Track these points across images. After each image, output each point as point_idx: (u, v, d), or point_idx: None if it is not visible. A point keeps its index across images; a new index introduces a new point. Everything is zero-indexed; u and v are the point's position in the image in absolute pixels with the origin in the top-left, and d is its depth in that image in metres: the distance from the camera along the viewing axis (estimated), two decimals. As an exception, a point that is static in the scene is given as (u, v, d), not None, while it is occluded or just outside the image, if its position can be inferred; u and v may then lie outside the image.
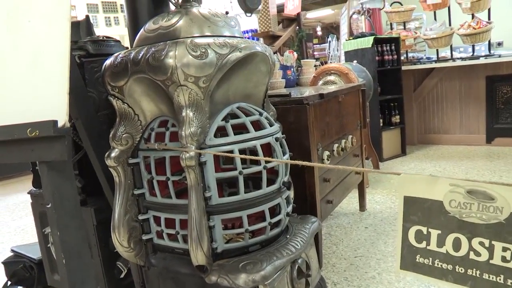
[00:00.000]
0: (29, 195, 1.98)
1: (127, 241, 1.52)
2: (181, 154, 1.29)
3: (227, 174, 1.39)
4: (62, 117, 1.10)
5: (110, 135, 1.45)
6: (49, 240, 1.95)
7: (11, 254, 2.26)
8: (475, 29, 4.45)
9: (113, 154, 1.44)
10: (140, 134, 1.47)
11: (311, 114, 1.91)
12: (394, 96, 4.56)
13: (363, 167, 2.83)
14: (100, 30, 11.03)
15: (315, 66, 4.23)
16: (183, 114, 1.29)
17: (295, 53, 3.68)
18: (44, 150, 1.11)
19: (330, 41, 5.89)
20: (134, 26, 1.65)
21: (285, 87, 3.49)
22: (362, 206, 3.01)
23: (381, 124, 4.48)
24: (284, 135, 1.59)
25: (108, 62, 1.45)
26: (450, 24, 4.73)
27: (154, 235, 1.54)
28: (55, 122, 1.07)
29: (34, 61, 1.19)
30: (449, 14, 4.79)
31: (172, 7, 1.64)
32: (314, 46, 9.49)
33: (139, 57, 1.34)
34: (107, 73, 1.43)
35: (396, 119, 4.61)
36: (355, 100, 2.68)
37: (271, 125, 1.51)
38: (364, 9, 6.22)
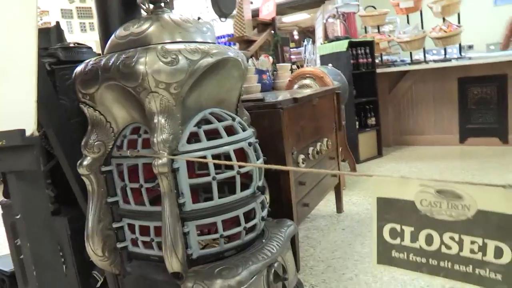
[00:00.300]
0: (-1, 206, 1.94)
1: (101, 249, 1.50)
2: (153, 161, 1.28)
3: (200, 180, 1.39)
4: (30, 126, 1.08)
5: (82, 143, 1.44)
6: (21, 251, 1.91)
7: (-17, 266, 2.21)
8: (446, 32, 4.54)
9: (85, 162, 1.43)
10: (112, 142, 1.45)
11: (285, 119, 1.92)
12: (370, 98, 4.62)
13: (339, 169, 2.86)
14: (75, 36, 10.89)
15: (291, 70, 4.26)
16: (155, 120, 1.29)
17: (270, 57, 3.71)
18: (12, 160, 1.09)
19: (305, 45, 5.94)
20: (105, 32, 1.64)
21: (260, 91, 3.51)
22: (339, 208, 3.04)
23: (357, 126, 4.54)
24: (257, 140, 1.60)
25: (78, 69, 1.44)
26: (422, 28, 4.82)
27: (129, 243, 1.52)
28: (23, 131, 1.06)
29: (3, 70, 1.17)
30: (421, 18, 4.89)
31: (144, 13, 1.63)
32: (291, 50, 9.56)
33: (110, 64, 1.34)
34: (78, 80, 1.42)
35: (371, 121, 4.67)
36: (330, 103, 2.70)
37: (244, 130, 1.52)
38: (339, 13, 6.29)
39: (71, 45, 1.83)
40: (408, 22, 5.01)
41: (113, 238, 1.52)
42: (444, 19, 4.64)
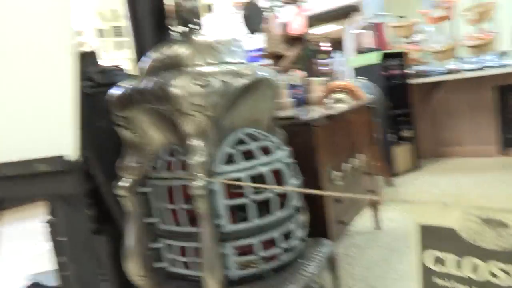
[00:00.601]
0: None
1: (140, 269, 1.51)
2: (190, 184, 1.29)
3: (237, 202, 1.39)
4: (73, 152, 1.11)
5: (119, 165, 1.46)
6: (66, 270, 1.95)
7: (29, 282, 2.27)
8: (482, 40, 4.43)
9: (122, 184, 1.45)
10: (149, 163, 1.47)
11: (319, 136, 1.90)
12: (404, 110, 4.54)
13: (374, 185, 2.81)
14: (109, 55, 11.23)
15: (323, 83, 4.25)
16: (190, 143, 1.30)
17: (302, 72, 3.70)
18: (55, 185, 1.12)
19: (335, 57, 5.91)
20: (139, 53, 1.68)
21: (294, 107, 3.50)
22: (376, 224, 2.97)
23: (392, 139, 4.45)
24: (292, 159, 1.59)
25: (114, 92, 1.47)
26: (454, 36, 4.73)
27: (167, 263, 1.53)
28: (66, 157, 1.08)
29: (44, 97, 1.21)
30: (453, 26, 4.80)
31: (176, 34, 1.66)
32: (321, 61, 9.53)
33: (145, 87, 1.36)
34: (114, 103, 1.45)
35: (407, 133, 4.58)
36: (363, 118, 2.67)
37: (280, 149, 1.51)
38: (369, 24, 6.25)
39: (107, 68, 1.88)
40: (439, 31, 4.92)
41: (152, 258, 1.53)
42: (478, 26, 4.53)
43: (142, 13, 1.66)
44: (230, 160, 1.40)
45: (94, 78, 1.79)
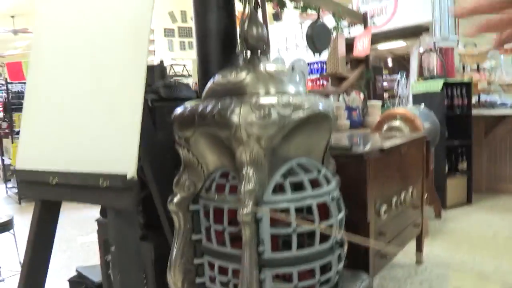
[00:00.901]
0: (96, 211, 2.10)
1: (181, 282, 1.58)
2: (238, 210, 1.34)
3: (281, 231, 1.42)
4: (131, 170, 1.19)
5: (174, 181, 1.53)
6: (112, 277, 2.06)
7: (76, 273, 2.41)
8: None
9: (175, 200, 1.52)
10: (202, 183, 1.53)
11: (370, 169, 1.90)
12: (463, 142, 4.40)
13: (422, 218, 2.75)
14: (175, 54, 11.59)
15: (383, 102, 4.20)
16: (243, 171, 1.34)
17: (361, 94, 3.68)
18: (112, 198, 1.20)
19: (399, 79, 5.81)
20: (204, 73, 1.76)
21: (350, 128, 3.49)
22: (419, 258, 2.92)
23: (447, 171, 4.33)
24: (340, 192, 1.60)
25: (178, 112, 1.54)
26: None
27: (207, 280, 1.59)
28: (125, 176, 1.16)
29: (110, 112, 1.30)
30: (527, 60, 4.60)
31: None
32: (384, 77, 9.34)
33: (207, 111, 1.42)
34: (176, 123, 1.52)
35: (463, 165, 4.44)
36: (418, 151, 2.63)
37: (329, 182, 1.53)
38: (437, 47, 6.09)
39: (172, 83, 1.97)
40: (510, 62, 4.73)
41: (193, 272, 1.59)
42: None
43: (210, 33, 1.73)
44: (280, 189, 1.44)
45: (159, 92, 1.88)
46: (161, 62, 2.09)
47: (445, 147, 4.23)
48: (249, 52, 1.60)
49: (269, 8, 2.83)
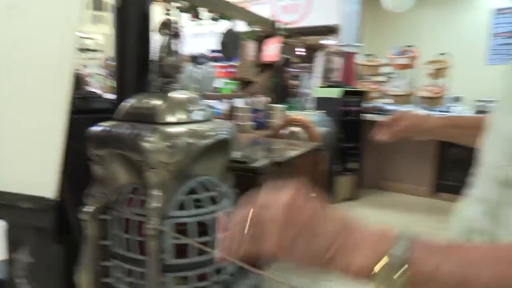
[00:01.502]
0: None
1: (89, 282, 1.76)
2: (145, 223, 1.55)
3: (181, 241, 1.65)
4: (53, 193, 1.34)
5: (87, 193, 1.70)
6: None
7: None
8: (435, 93, 4.85)
9: (87, 210, 1.68)
10: (113, 196, 1.71)
11: (265, 182, 2.19)
12: (354, 144, 4.91)
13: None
14: (87, 27, 11.15)
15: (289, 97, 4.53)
16: (152, 191, 1.55)
17: (266, 97, 3.98)
18: (33, 218, 1.35)
19: (302, 79, 6.23)
20: (120, 94, 1.91)
21: (254, 129, 3.78)
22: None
23: (339, 170, 4.82)
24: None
25: (93, 131, 1.69)
26: (413, 85, 5.13)
27: (113, 280, 1.78)
28: (47, 198, 1.31)
29: (33, 140, 1.43)
30: (414, 75, 5.20)
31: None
32: (293, 69, 9.80)
33: (121, 135, 1.60)
34: (91, 141, 1.67)
35: (352, 165, 4.95)
36: (311, 159, 2.98)
37: (226, 198, 1.79)
38: (341, 51, 6.58)
39: (87, 94, 2.09)
40: (402, 76, 5.31)
41: (101, 273, 1.77)
42: (435, 81, 4.95)
43: (129, 57, 1.88)
44: (182, 206, 1.66)
45: (75, 104, 2.00)
46: (78, 73, 2.19)
47: (338, 149, 4.70)
48: (163, 79, 1.79)
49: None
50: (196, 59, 10.45)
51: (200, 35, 9.48)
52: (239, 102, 4.01)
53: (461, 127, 1.39)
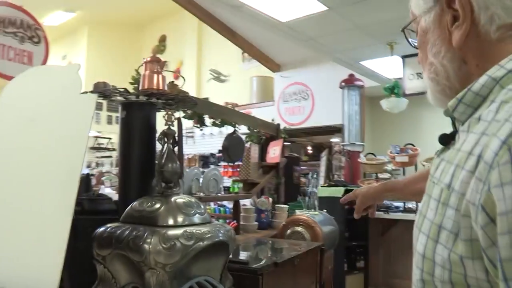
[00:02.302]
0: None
1: None
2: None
3: None
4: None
5: (90, 292, 1.76)
6: None
7: None
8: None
9: (87, 311, 1.73)
10: (113, 295, 1.77)
11: (264, 283, 2.22)
12: (360, 242, 4.91)
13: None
14: (102, 127, 11.75)
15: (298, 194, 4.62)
16: (150, 291, 1.62)
17: (270, 198, 4.09)
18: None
19: (309, 177, 6.37)
20: (123, 198, 2.03)
21: (258, 229, 3.85)
22: None
23: (346, 268, 4.77)
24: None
25: (99, 231, 1.80)
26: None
27: None
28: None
29: (39, 240, 1.53)
30: (416, 170, 5.32)
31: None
32: (302, 168, 10.00)
33: (123, 237, 1.69)
34: (96, 241, 1.77)
35: (360, 263, 4.91)
36: (313, 259, 3.00)
37: (223, 299, 1.83)
38: (345, 150, 6.78)
39: (95, 196, 2.23)
40: (403, 174, 5.43)
41: None
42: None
43: (132, 163, 2.04)
44: (179, 306, 1.71)
45: (83, 205, 2.13)
46: (87, 175, 2.34)
47: (344, 247, 4.70)
48: (163, 184, 1.92)
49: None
50: (204, 159, 10.72)
51: (209, 135, 9.90)
52: (244, 202, 4.12)
53: (394, 190, 1.69)
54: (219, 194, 3.49)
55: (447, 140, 0.89)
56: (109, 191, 5.78)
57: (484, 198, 0.62)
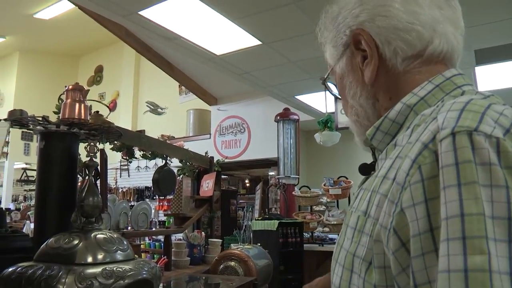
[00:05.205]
0: None
1: None
2: None
3: None
4: None
5: None
6: None
7: None
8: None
9: None
10: None
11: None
12: (296, 275, 4.88)
13: None
14: (31, 158, 11.21)
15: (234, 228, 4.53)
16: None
17: (203, 232, 4.00)
18: None
19: (245, 212, 6.33)
20: (40, 235, 1.89)
21: (190, 265, 3.73)
22: None
23: (281, 302, 4.72)
24: None
25: (7, 272, 1.64)
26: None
27: None
28: None
29: None
30: (349, 203, 5.43)
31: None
32: (240, 201, 9.96)
33: (34, 277, 1.56)
34: (3, 284, 1.62)
35: (296, 297, 4.87)
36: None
37: None
38: (280, 183, 6.83)
39: (8, 233, 2.05)
40: (337, 205, 5.53)
41: None
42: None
43: (49, 197, 1.91)
44: None
45: (-5, 242, 1.96)
46: (1, 209, 2.17)
47: (279, 281, 4.65)
48: (83, 219, 1.81)
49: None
50: (139, 192, 10.43)
51: (144, 168, 9.68)
52: (179, 236, 3.99)
53: None
54: (149, 229, 3.35)
55: (367, 170, 0.89)
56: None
57: (396, 220, 0.60)
